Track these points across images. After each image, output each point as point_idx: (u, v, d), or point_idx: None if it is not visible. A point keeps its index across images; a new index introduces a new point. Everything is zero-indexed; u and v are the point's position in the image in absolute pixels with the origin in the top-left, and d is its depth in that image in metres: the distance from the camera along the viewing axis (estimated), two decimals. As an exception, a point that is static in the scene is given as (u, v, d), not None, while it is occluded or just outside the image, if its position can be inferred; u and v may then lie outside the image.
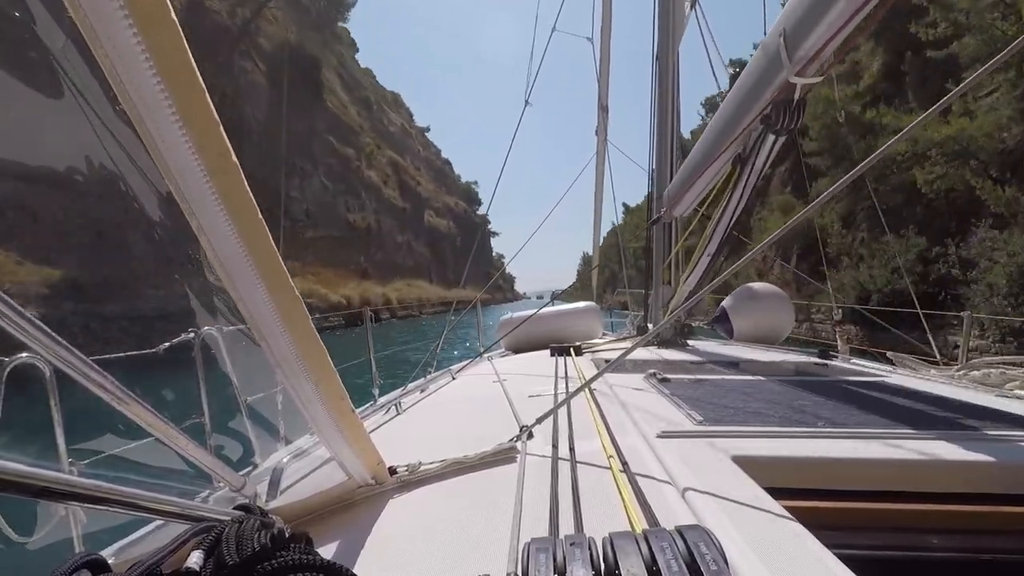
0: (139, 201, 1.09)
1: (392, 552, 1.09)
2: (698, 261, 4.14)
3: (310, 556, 0.65)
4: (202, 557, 0.63)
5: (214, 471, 1.28)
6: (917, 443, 1.53)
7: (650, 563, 0.70)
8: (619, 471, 1.36)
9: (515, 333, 5.36)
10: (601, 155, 8.36)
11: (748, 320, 5.15)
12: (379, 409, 2.78)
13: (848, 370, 3.23)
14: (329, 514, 1.34)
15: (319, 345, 1.07)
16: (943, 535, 1.24)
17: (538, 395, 2.54)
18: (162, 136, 0.76)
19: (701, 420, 1.80)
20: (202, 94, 0.77)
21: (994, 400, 2.28)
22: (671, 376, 2.79)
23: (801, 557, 0.92)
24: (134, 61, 0.70)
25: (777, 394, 2.30)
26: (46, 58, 0.91)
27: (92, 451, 1.67)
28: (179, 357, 2.15)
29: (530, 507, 1.19)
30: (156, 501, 0.73)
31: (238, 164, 0.83)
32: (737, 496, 1.17)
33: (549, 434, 1.71)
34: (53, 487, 0.61)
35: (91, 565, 0.59)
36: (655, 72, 5.41)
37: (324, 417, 1.14)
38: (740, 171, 3.34)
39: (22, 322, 0.75)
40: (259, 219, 0.89)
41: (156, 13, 0.69)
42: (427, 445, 1.93)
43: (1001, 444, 1.53)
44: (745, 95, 2.89)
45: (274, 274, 0.95)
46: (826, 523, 1.20)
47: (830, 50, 2.27)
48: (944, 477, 1.39)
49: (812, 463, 1.44)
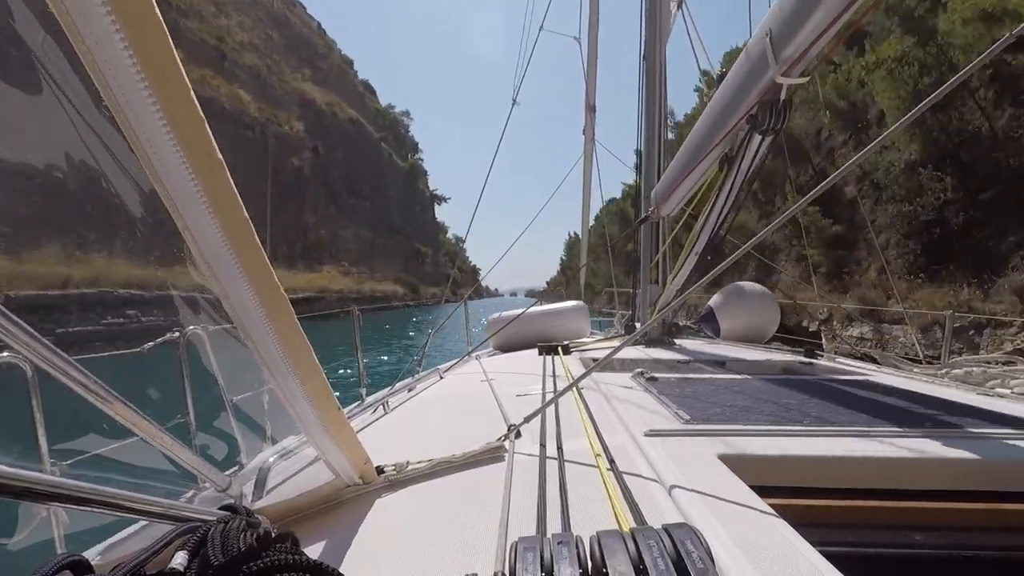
0: (122, 199, 1.08)
1: (379, 552, 1.08)
2: (685, 260, 4.17)
3: (296, 556, 0.65)
4: (187, 558, 0.63)
5: (199, 471, 1.27)
6: (901, 441, 1.55)
7: (637, 561, 0.70)
8: (606, 470, 1.37)
9: (503, 332, 5.35)
10: (589, 155, 8.39)
11: (734, 319, 5.21)
12: (366, 408, 2.77)
13: (833, 369, 3.27)
14: (316, 514, 1.33)
15: (305, 343, 1.07)
16: (927, 532, 1.26)
17: (526, 394, 2.54)
18: (147, 134, 0.75)
19: (688, 419, 1.82)
20: (187, 92, 0.76)
21: (976, 398, 2.32)
22: (658, 375, 2.80)
23: (787, 555, 0.93)
24: (117, 58, 0.69)
25: (763, 393, 2.32)
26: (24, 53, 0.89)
27: (75, 451, 1.65)
28: (164, 356, 2.12)
29: (518, 506, 1.19)
30: (140, 501, 0.73)
31: (223, 162, 0.83)
32: (724, 494, 1.19)
33: (537, 433, 1.71)
34: (35, 488, 0.61)
35: (74, 566, 0.58)
36: (642, 72, 5.44)
37: (311, 416, 1.14)
38: (727, 171, 3.37)
39: (2, 320, 0.74)
40: (244, 217, 0.89)
41: (140, 12, 0.69)
42: (415, 444, 1.93)
43: (983, 441, 1.55)
44: (732, 95, 2.91)
45: (259, 272, 0.94)
46: (812, 521, 1.22)
47: (816, 51, 2.30)
48: (928, 474, 1.41)
49: (798, 461, 1.45)
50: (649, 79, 5.34)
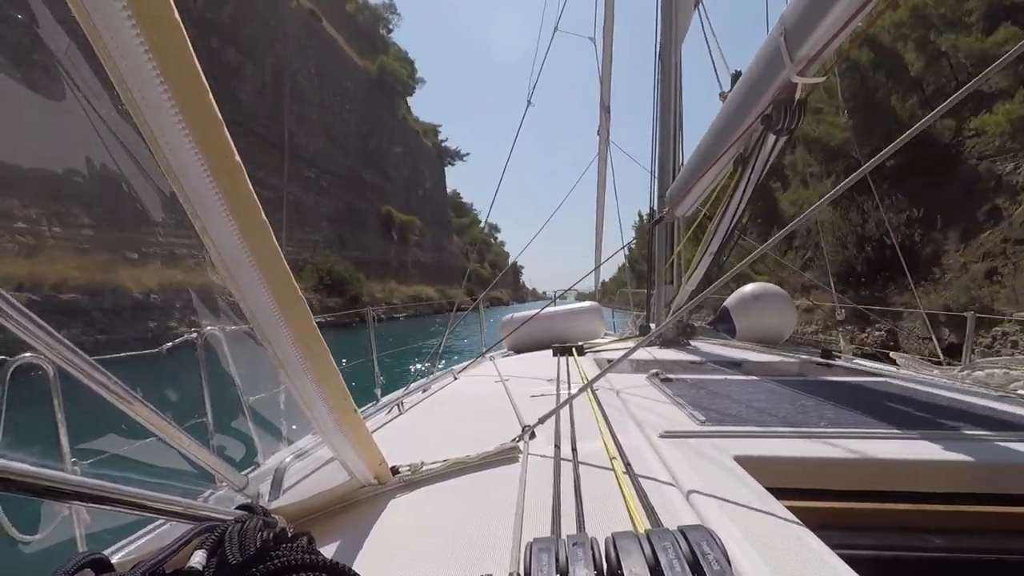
0: (142, 202, 1.09)
1: (394, 552, 1.09)
2: (700, 261, 4.14)
3: (312, 556, 0.65)
4: (205, 556, 0.63)
5: (217, 471, 1.28)
6: (920, 443, 1.52)
7: (653, 563, 0.70)
8: (622, 471, 1.36)
9: (517, 333, 5.36)
10: (603, 156, 8.37)
11: (750, 320, 5.15)
12: (381, 409, 2.78)
13: (851, 370, 3.22)
14: (331, 514, 1.34)
15: (322, 345, 1.07)
16: (946, 535, 1.24)
17: (540, 395, 2.54)
18: (165, 137, 0.76)
19: (703, 420, 1.80)
20: (206, 94, 0.77)
21: (997, 401, 2.27)
22: (673, 376, 2.78)
23: (804, 557, 0.91)
24: (137, 62, 0.70)
25: (780, 394, 2.29)
26: (49, 60, 0.91)
27: (95, 451, 1.67)
28: (182, 357, 2.15)
29: (532, 507, 1.19)
30: (159, 501, 0.74)
31: (241, 164, 0.84)
32: (740, 496, 1.17)
33: (551, 434, 1.71)
34: (56, 487, 0.62)
35: (94, 564, 0.59)
36: (658, 72, 5.41)
37: (326, 417, 1.14)
38: (741, 171, 3.34)
39: (25, 322, 0.75)
40: (262, 219, 0.90)
41: (159, 13, 0.70)
42: (429, 445, 1.93)
43: (1004, 445, 1.52)
44: (746, 95, 2.88)
45: (277, 274, 0.95)
46: (829, 523, 1.20)
47: (831, 50, 2.27)
48: (947, 477, 1.39)
49: (815, 463, 1.44)
50: (664, 79, 5.31)
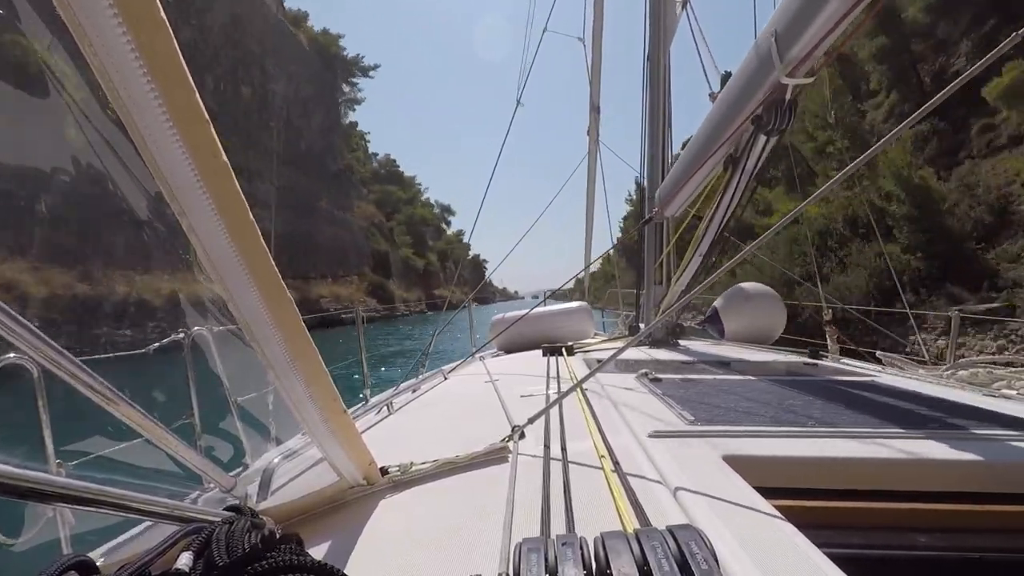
0: (128, 201, 1.08)
1: (383, 553, 1.08)
2: (690, 261, 4.16)
3: (301, 557, 0.65)
4: (192, 558, 0.63)
5: (204, 472, 1.28)
6: (906, 442, 1.54)
7: (641, 563, 0.70)
8: (611, 471, 1.36)
9: (507, 333, 5.35)
10: (593, 156, 8.39)
11: (739, 320, 5.18)
12: (371, 409, 2.77)
13: (838, 370, 3.25)
14: (320, 515, 1.33)
15: (310, 345, 1.07)
16: (932, 534, 1.26)
17: (530, 395, 2.54)
18: (152, 136, 0.76)
19: (692, 420, 1.81)
20: (192, 93, 0.77)
21: (981, 399, 2.31)
22: (663, 376, 2.79)
23: (791, 556, 0.92)
24: (123, 60, 0.69)
25: (768, 394, 2.31)
26: (31, 57, 0.90)
27: (80, 452, 1.66)
28: (169, 357, 2.13)
29: (522, 507, 1.19)
30: (145, 502, 0.73)
31: (228, 164, 0.83)
32: (728, 495, 1.18)
33: (541, 434, 1.71)
34: (40, 488, 0.61)
35: (79, 567, 0.58)
36: (646, 72, 5.44)
37: (315, 417, 1.14)
38: (732, 172, 3.37)
39: (9, 322, 0.74)
40: (250, 219, 0.89)
41: (145, 11, 0.69)
42: (419, 445, 1.92)
43: (989, 443, 1.54)
44: (736, 96, 2.91)
45: (265, 274, 0.94)
46: (816, 522, 1.21)
47: (821, 51, 2.29)
48: (933, 476, 1.40)
49: (802, 462, 1.45)
50: (653, 80, 5.34)
